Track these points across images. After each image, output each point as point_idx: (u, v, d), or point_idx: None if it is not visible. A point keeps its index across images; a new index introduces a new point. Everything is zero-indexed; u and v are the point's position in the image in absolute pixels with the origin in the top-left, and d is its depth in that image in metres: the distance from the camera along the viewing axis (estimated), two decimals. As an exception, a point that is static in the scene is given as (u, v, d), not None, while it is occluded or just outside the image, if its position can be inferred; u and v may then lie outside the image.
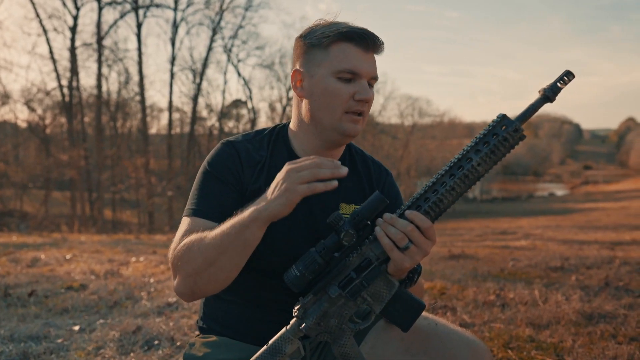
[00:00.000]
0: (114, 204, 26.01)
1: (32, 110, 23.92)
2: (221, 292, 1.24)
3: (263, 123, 29.41)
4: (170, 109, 26.28)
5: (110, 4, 23.37)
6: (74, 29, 22.73)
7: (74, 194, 23.55)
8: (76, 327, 2.73)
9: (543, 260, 5.08)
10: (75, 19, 22.76)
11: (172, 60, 24.99)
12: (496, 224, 17.68)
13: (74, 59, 22.84)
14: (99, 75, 23.62)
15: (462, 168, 0.98)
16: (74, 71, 22.95)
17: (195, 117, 26.57)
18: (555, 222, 16.39)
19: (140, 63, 24.13)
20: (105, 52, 23.83)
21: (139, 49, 24.05)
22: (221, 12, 25.36)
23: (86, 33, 26.70)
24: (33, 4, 22.13)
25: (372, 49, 1.19)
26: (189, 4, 24.96)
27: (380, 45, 1.20)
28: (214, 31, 25.42)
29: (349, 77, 1.17)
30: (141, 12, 24.04)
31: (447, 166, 1.00)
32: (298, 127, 1.27)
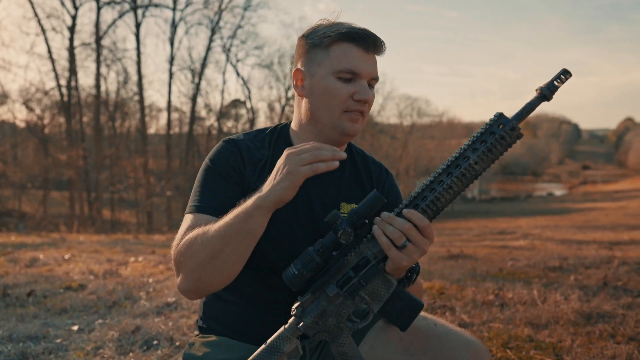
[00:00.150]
0: (112, 203, 26.01)
1: (31, 110, 23.92)
2: (221, 291, 1.24)
3: (262, 123, 29.43)
4: (169, 108, 26.31)
5: (108, 3, 23.37)
6: (72, 29, 22.73)
7: (72, 193, 23.53)
8: (75, 327, 2.73)
9: (542, 260, 5.09)
10: (74, 18, 22.77)
11: (171, 60, 25.01)
12: (495, 224, 17.69)
13: (72, 59, 22.84)
14: (98, 75, 23.65)
15: (459, 167, 0.98)
16: (72, 71, 22.95)
17: (194, 117, 26.58)
18: (553, 222, 16.41)
19: (139, 63, 24.16)
20: (104, 52, 23.87)
21: (138, 49, 24.08)
22: (220, 12, 25.39)
23: (85, 33, 26.93)
24: (31, 3, 22.16)
25: (373, 49, 1.19)
26: (188, 4, 25.00)
27: (381, 46, 1.20)
28: (213, 31, 25.45)
29: (348, 77, 1.17)
30: (140, 11, 24.09)
31: (444, 165, 0.99)
32: (299, 127, 1.27)
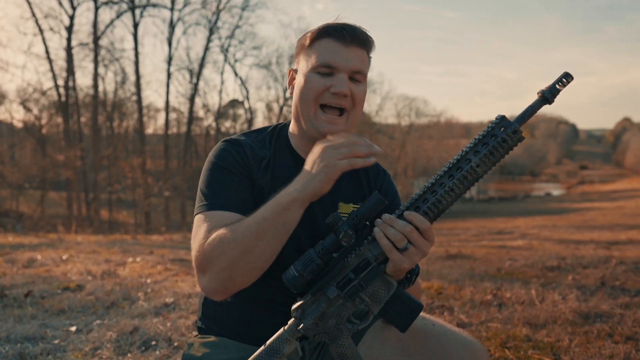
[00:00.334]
0: (110, 204, 25.95)
1: (28, 110, 23.89)
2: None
3: (260, 123, 29.41)
4: (167, 109, 26.29)
5: (106, 3, 23.34)
6: (70, 29, 22.70)
7: (70, 194, 23.49)
8: (73, 328, 2.72)
9: (540, 260, 5.10)
10: (72, 18, 22.74)
11: (169, 60, 25.00)
12: (493, 224, 17.71)
13: (70, 59, 22.81)
14: (96, 75, 23.63)
15: (460, 169, 0.98)
16: (70, 71, 22.92)
17: (192, 117, 26.56)
18: (551, 222, 16.43)
19: (136, 63, 24.14)
20: (102, 52, 23.85)
21: (136, 49, 24.05)
22: (218, 12, 25.38)
23: (82, 33, 26.76)
24: (29, 3, 22.13)
25: (352, 42, 1.16)
26: (186, 4, 24.99)
27: (363, 38, 1.18)
28: (211, 31, 25.44)
29: (326, 71, 1.16)
30: (138, 11, 24.08)
31: (445, 167, 0.99)
32: (293, 127, 1.29)
